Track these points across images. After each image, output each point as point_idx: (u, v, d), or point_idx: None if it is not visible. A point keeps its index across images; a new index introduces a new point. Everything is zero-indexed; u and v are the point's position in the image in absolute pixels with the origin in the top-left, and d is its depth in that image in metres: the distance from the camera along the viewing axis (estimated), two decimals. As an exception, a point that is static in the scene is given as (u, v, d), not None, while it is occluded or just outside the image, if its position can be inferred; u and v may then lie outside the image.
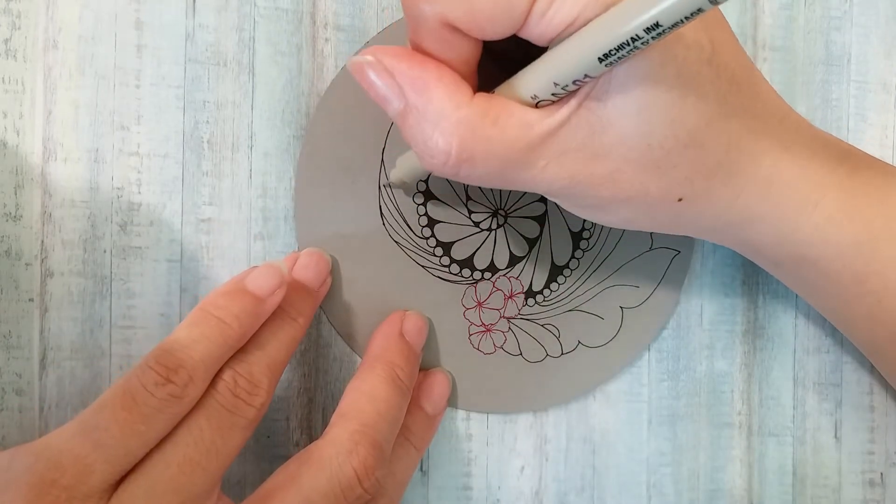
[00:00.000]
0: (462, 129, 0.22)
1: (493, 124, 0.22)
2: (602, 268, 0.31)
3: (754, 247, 0.26)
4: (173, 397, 0.22)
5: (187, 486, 0.22)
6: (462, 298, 0.30)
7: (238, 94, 0.29)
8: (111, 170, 0.28)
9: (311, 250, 0.29)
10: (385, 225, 0.30)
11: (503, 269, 0.30)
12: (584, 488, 0.31)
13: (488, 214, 0.30)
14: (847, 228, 0.25)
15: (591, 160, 0.22)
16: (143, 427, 0.22)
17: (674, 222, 0.25)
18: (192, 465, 0.23)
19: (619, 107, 0.21)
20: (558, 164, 0.22)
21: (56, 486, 0.21)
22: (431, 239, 0.30)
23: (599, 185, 0.23)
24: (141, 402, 0.22)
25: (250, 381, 0.24)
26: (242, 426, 0.24)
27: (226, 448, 0.23)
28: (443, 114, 0.22)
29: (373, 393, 0.26)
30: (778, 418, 0.33)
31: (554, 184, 0.23)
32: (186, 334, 0.24)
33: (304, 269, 0.28)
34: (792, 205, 0.25)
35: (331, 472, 0.24)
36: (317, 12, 0.30)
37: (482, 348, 0.30)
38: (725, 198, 0.24)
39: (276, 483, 0.24)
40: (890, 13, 0.33)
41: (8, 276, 0.28)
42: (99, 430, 0.22)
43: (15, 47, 0.28)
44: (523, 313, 0.31)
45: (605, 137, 0.22)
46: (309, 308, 0.27)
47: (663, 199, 0.23)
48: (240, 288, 0.25)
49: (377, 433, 0.25)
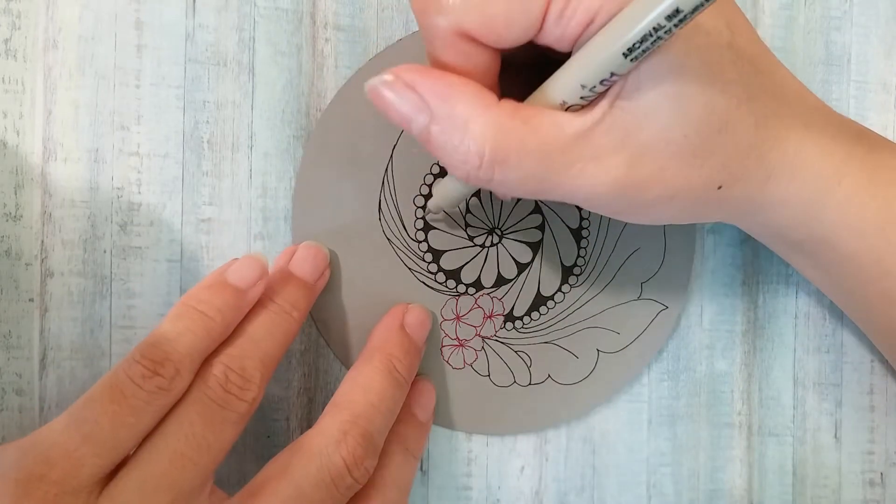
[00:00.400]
0: (493, 130, 0.21)
1: (525, 124, 0.21)
2: (587, 306, 0.31)
3: (779, 230, 0.26)
4: (161, 389, 0.23)
5: (179, 480, 0.23)
6: (442, 308, 0.30)
7: (238, 94, 0.29)
8: (111, 170, 0.28)
9: (309, 243, 0.28)
10: (381, 220, 0.29)
11: (488, 288, 0.30)
12: (584, 488, 0.31)
13: (484, 231, 0.30)
14: (869, 207, 0.25)
15: (633, 164, 0.22)
16: (132, 419, 0.22)
17: (713, 211, 0.25)
18: (183, 459, 0.23)
19: (651, 102, 0.21)
20: (597, 166, 0.22)
21: (45, 481, 0.21)
22: (424, 244, 0.30)
23: (645, 187, 0.23)
24: (129, 395, 0.22)
25: (242, 376, 0.24)
26: (234, 420, 0.24)
27: (217, 443, 0.23)
28: (471, 116, 0.21)
29: (367, 384, 0.26)
30: (778, 418, 0.33)
31: (596, 189, 0.22)
32: (171, 328, 0.24)
33: (302, 262, 0.28)
34: (817, 184, 0.25)
35: (321, 461, 0.24)
36: (317, 12, 0.30)
37: (452, 362, 0.30)
38: (759, 180, 0.24)
39: (268, 474, 0.24)
40: (890, 13, 0.33)
41: (8, 276, 0.28)
42: (88, 423, 0.22)
43: (15, 47, 0.28)
44: (499, 335, 0.30)
45: (641, 136, 0.22)
46: (304, 301, 0.27)
47: (705, 189, 0.23)
48: (221, 281, 0.25)
49: (368, 423, 0.25)
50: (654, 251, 0.31)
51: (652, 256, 0.31)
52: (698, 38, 0.21)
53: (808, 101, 0.25)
